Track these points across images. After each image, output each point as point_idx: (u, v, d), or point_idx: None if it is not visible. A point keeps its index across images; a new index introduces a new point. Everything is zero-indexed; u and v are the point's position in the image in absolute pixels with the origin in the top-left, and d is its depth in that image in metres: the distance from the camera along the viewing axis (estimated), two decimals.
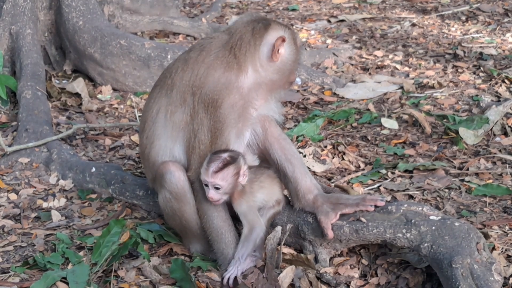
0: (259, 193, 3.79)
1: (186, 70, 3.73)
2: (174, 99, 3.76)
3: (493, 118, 5.14)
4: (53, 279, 3.61)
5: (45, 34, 6.95)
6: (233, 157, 3.62)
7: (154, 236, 4.06)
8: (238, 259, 3.61)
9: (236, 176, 3.64)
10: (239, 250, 3.64)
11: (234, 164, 3.61)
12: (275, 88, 3.80)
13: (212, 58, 3.69)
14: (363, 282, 3.71)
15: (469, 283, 3.23)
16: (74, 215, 4.48)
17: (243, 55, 3.66)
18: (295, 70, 3.83)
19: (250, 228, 3.67)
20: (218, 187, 3.62)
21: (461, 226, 3.47)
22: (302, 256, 3.71)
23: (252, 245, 3.65)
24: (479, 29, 7.89)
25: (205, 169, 3.61)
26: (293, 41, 3.76)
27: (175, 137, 3.78)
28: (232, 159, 3.61)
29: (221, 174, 3.59)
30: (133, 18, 7.85)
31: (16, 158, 5.13)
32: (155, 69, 6.49)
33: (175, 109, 3.76)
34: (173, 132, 3.77)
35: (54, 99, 6.36)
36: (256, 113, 3.78)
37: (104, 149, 5.48)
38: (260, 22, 3.74)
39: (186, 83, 3.71)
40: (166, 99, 3.80)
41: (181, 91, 3.73)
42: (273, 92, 3.82)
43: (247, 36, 3.68)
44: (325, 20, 8.80)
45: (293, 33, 3.79)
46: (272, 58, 3.68)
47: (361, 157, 4.94)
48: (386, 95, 6.09)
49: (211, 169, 3.59)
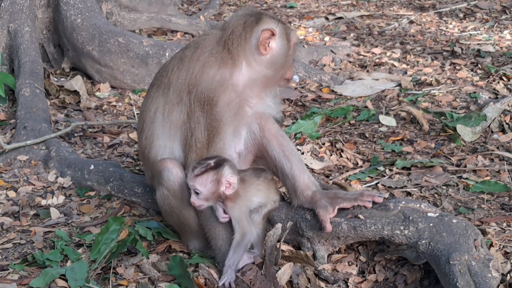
0: (255, 197, 3.77)
1: (182, 69, 3.74)
2: (171, 98, 3.77)
3: (490, 115, 5.15)
4: (52, 276, 3.62)
5: (43, 32, 6.95)
6: (217, 164, 3.57)
7: (153, 233, 4.07)
8: (229, 266, 3.56)
9: (217, 184, 3.57)
10: (230, 257, 3.59)
11: (215, 171, 3.55)
12: (269, 85, 3.79)
13: (207, 55, 3.69)
14: (361, 279, 3.72)
15: (466, 280, 3.24)
16: (72, 212, 4.49)
17: (236, 49, 3.67)
18: (288, 65, 3.82)
19: (241, 235, 3.62)
20: (197, 192, 3.59)
21: (459, 223, 3.49)
22: (301, 253, 3.72)
23: (243, 252, 3.61)
24: (477, 26, 7.90)
25: (190, 172, 3.61)
26: (285, 35, 3.74)
27: (173, 136, 3.78)
28: (215, 166, 3.56)
29: (200, 179, 3.56)
30: (131, 15, 7.85)
31: (14, 156, 5.13)
32: (153, 66, 6.49)
33: (172, 108, 3.77)
34: (171, 131, 3.78)
35: (52, 97, 6.36)
36: (253, 110, 3.79)
37: (102, 147, 5.48)
38: (253, 15, 3.73)
39: (182, 82, 3.72)
40: (163, 98, 3.81)
41: (177, 90, 3.74)
42: (267, 89, 3.81)
43: (239, 30, 3.69)
44: (323, 18, 8.81)
45: (286, 28, 3.77)
46: (261, 51, 3.68)
47: (359, 154, 4.95)
48: (384, 92, 6.10)
49: (194, 172, 3.57)
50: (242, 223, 3.63)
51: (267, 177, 3.85)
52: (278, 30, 3.70)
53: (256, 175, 3.82)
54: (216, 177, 3.56)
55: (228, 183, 3.59)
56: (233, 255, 3.58)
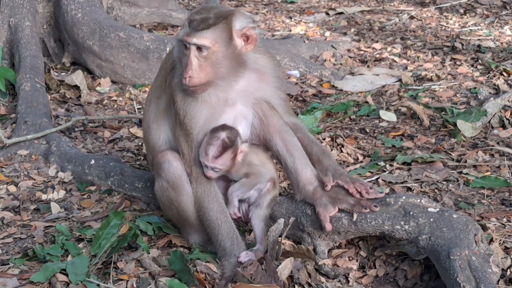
0: (253, 160, 3.84)
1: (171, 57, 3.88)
2: (159, 83, 3.92)
3: (491, 111, 5.15)
4: (52, 271, 3.63)
5: (43, 26, 6.94)
6: (232, 140, 3.67)
7: (153, 228, 4.07)
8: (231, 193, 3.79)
9: (234, 157, 3.72)
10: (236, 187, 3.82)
11: (233, 147, 3.68)
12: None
13: None
14: (361, 274, 3.72)
15: (467, 275, 3.24)
16: (73, 207, 4.49)
17: None
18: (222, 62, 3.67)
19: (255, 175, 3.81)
20: (217, 170, 3.69)
21: (459, 218, 3.49)
22: (303, 247, 3.72)
23: (247, 188, 3.82)
24: (477, 22, 7.89)
25: (204, 153, 3.66)
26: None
27: (161, 123, 3.90)
28: (231, 142, 3.66)
29: (221, 159, 3.66)
30: (132, 10, 7.83)
31: (15, 150, 5.14)
32: (153, 61, 6.49)
33: (160, 95, 3.90)
34: (160, 116, 3.90)
35: (53, 92, 6.36)
36: (253, 100, 3.79)
37: (103, 142, 5.48)
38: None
39: (164, 69, 3.90)
40: (155, 83, 4.01)
41: (163, 76, 3.89)
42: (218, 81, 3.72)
43: None
44: (323, 13, 8.80)
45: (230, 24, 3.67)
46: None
47: (359, 150, 4.95)
48: (385, 87, 6.10)
49: (211, 153, 3.64)
50: (252, 169, 3.80)
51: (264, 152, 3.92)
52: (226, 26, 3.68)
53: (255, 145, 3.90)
54: (233, 153, 3.70)
55: (241, 151, 3.74)
56: (239, 186, 3.79)
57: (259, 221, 3.81)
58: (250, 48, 3.67)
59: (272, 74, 3.85)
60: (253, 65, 3.75)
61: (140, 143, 5.33)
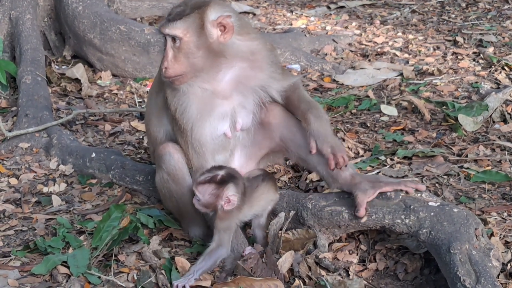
0: (252, 211, 3.73)
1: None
2: (158, 78, 3.90)
3: (492, 105, 5.15)
4: (53, 263, 3.64)
5: (44, 19, 6.94)
6: (223, 180, 3.54)
7: (154, 221, 4.08)
8: (193, 272, 3.47)
9: (216, 197, 3.55)
10: (198, 263, 3.52)
11: (218, 185, 3.54)
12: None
13: None
14: (361, 268, 3.73)
15: (467, 269, 3.25)
16: (74, 200, 4.50)
17: None
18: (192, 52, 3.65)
19: (217, 245, 3.55)
20: (197, 198, 3.59)
21: (460, 212, 3.49)
22: (301, 230, 3.72)
23: (211, 264, 3.53)
24: (479, 16, 7.88)
25: (198, 175, 3.62)
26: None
27: (161, 117, 3.88)
28: (220, 181, 3.54)
29: (201, 187, 3.55)
30: (133, 3, 7.83)
31: (16, 143, 5.14)
32: (154, 55, 6.48)
33: (159, 89, 3.88)
34: (159, 111, 3.89)
35: (54, 85, 6.36)
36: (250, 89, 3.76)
37: (104, 135, 5.48)
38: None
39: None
40: (156, 77, 3.99)
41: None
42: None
43: None
44: (324, 6, 8.78)
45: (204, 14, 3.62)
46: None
47: (360, 144, 4.95)
48: (386, 81, 6.09)
49: (199, 178, 3.58)
50: (223, 236, 3.57)
51: (267, 181, 3.80)
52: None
53: (256, 181, 3.76)
54: (216, 192, 3.54)
55: (228, 199, 3.56)
56: (201, 263, 3.51)
57: (260, 230, 3.81)
58: (229, 38, 3.58)
59: (266, 60, 3.76)
60: (242, 54, 3.67)
61: (141, 137, 5.33)
